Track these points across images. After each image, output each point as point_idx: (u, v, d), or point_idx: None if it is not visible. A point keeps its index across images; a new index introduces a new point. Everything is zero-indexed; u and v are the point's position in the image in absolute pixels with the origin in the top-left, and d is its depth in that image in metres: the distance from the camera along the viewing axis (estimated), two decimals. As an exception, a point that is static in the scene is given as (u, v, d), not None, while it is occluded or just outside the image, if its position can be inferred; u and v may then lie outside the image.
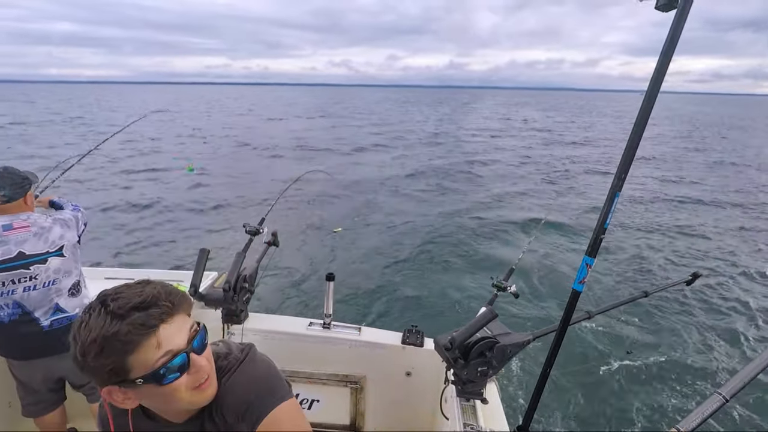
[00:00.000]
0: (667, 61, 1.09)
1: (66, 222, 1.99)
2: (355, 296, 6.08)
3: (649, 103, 1.10)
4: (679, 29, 1.06)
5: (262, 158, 17.56)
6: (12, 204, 1.87)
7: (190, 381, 0.79)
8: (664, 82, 1.09)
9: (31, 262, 1.84)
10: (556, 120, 42.12)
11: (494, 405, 1.79)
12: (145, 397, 0.79)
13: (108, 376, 0.73)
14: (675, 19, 1.06)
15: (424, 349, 2.16)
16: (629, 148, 1.13)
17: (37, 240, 1.85)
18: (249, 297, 2.38)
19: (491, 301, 2.01)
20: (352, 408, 2.38)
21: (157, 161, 16.16)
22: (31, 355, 1.94)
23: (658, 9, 1.09)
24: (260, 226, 2.45)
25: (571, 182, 13.86)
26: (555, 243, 8.12)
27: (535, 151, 20.49)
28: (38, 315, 1.87)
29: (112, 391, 0.76)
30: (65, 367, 2.00)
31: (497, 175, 14.78)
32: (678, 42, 1.07)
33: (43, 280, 1.86)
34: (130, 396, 0.77)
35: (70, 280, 1.95)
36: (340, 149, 20.15)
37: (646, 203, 11.15)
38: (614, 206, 1.16)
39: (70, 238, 1.97)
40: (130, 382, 0.73)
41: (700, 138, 27.93)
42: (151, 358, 0.73)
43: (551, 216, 9.53)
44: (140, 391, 0.76)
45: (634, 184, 13.15)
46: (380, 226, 9.10)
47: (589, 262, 1.21)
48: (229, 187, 12.45)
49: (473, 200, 11.31)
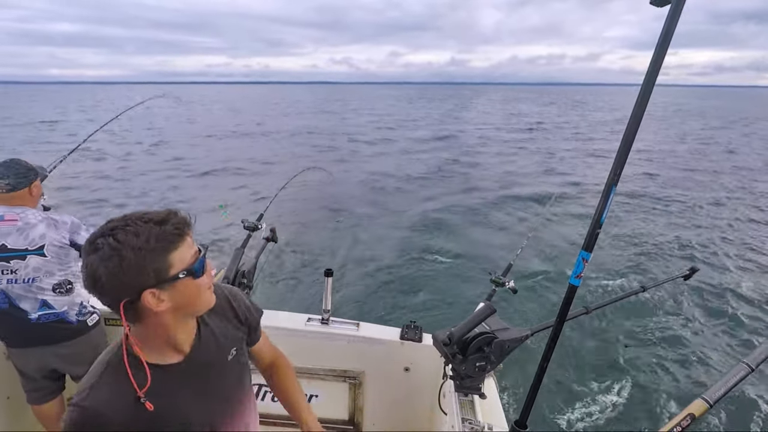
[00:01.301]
0: (662, 56, 1.08)
1: (55, 223, 1.94)
2: (353, 292, 6.09)
3: (644, 98, 1.09)
4: (673, 25, 1.06)
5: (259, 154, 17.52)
6: (15, 194, 1.88)
7: (206, 281, 0.93)
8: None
9: (11, 256, 1.84)
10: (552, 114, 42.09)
11: (492, 400, 1.80)
12: (177, 297, 0.88)
13: (150, 277, 0.82)
14: (669, 15, 1.05)
15: (423, 344, 2.16)
16: (625, 143, 1.12)
17: (18, 235, 1.84)
18: (248, 292, 2.38)
19: (489, 296, 2.01)
20: (350, 403, 2.39)
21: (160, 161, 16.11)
22: (23, 343, 1.97)
23: (652, 4, 1.09)
24: (259, 222, 2.45)
25: (571, 178, 13.86)
26: (554, 238, 8.13)
27: (533, 145, 20.48)
28: (25, 307, 1.88)
29: (148, 296, 0.83)
30: (58, 356, 2.01)
31: (495, 171, 14.77)
32: (672, 37, 1.07)
33: (22, 276, 1.86)
34: (164, 299, 0.86)
35: (52, 280, 1.93)
36: (340, 147, 20.12)
37: (643, 197, 11.17)
38: (610, 200, 1.15)
39: (54, 239, 1.91)
40: (171, 279, 0.85)
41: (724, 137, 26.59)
42: (186, 255, 0.87)
43: (551, 210, 9.54)
44: (174, 290, 0.87)
45: (635, 180, 13.16)
46: (379, 222, 9.10)
47: (586, 256, 1.20)
48: (229, 184, 12.44)
49: (472, 196, 11.31)
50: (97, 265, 0.79)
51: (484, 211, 9.99)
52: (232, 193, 11.40)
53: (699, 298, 6.02)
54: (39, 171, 2.01)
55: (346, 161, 16.08)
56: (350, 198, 10.87)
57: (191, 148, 18.83)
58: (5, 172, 1.86)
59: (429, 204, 10.45)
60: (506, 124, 32.20)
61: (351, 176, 13.34)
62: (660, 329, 5.30)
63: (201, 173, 13.75)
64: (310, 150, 18.87)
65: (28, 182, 1.92)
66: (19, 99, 72.49)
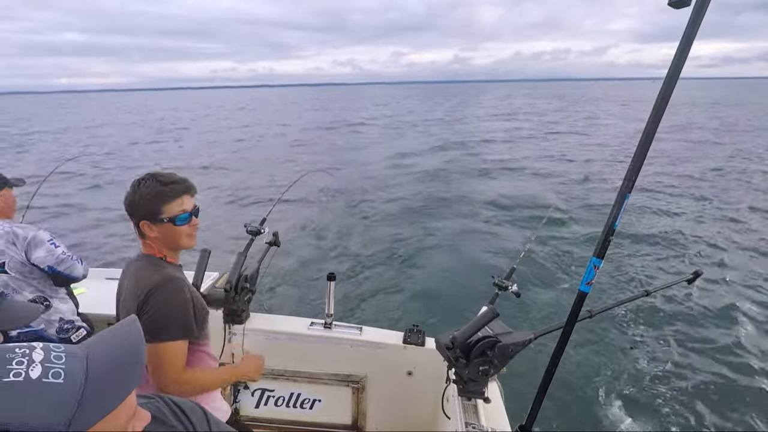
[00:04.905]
0: (682, 62, 1.02)
1: (15, 238, 1.85)
2: (356, 296, 6.08)
3: (662, 104, 1.04)
4: (695, 30, 0.99)
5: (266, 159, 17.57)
6: None
7: (187, 230, 1.40)
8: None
9: None
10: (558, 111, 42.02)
11: (496, 404, 1.79)
12: (163, 233, 1.36)
13: (147, 212, 1.32)
14: (691, 19, 0.98)
15: (426, 348, 2.16)
16: (640, 151, 1.10)
17: None
18: (250, 297, 2.38)
19: (492, 300, 2.01)
20: (353, 407, 2.38)
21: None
22: None
23: (670, 6, 1.02)
24: (261, 227, 2.45)
25: (572, 176, 13.82)
26: (557, 241, 8.11)
27: (534, 143, 20.44)
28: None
29: (144, 224, 1.34)
30: None
31: (498, 169, 14.75)
32: (694, 40, 1.00)
33: None
34: (155, 230, 1.35)
35: (22, 297, 1.86)
36: (340, 146, 20.15)
37: (649, 199, 11.13)
38: (623, 208, 1.14)
39: (14, 256, 1.84)
40: (158, 220, 1.33)
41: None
42: (175, 209, 1.35)
43: (554, 213, 9.51)
44: (161, 228, 1.35)
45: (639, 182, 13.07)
46: (381, 225, 9.09)
47: (597, 263, 1.19)
48: (232, 187, 12.47)
49: (474, 198, 11.30)
50: (127, 194, 1.34)
51: (489, 213, 9.97)
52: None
53: (703, 302, 5.98)
54: (11, 181, 1.94)
55: (348, 163, 16.08)
56: (353, 200, 10.88)
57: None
58: None
59: (432, 206, 10.44)
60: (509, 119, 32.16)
61: (354, 178, 13.34)
62: (664, 333, 5.27)
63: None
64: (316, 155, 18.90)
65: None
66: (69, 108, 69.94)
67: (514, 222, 9.45)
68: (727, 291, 6.32)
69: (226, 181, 13.46)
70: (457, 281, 6.58)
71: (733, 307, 5.87)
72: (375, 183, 13.00)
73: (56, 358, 0.56)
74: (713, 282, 6.56)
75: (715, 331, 5.32)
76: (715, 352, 4.91)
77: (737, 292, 6.29)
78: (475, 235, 8.65)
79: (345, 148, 20.33)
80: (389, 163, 16.23)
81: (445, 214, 9.98)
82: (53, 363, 0.55)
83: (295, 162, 16.70)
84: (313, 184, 11.63)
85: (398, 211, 10.11)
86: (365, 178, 13.73)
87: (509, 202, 10.92)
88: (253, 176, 14.06)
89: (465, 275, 6.78)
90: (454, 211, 10.23)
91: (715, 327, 5.42)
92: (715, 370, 4.62)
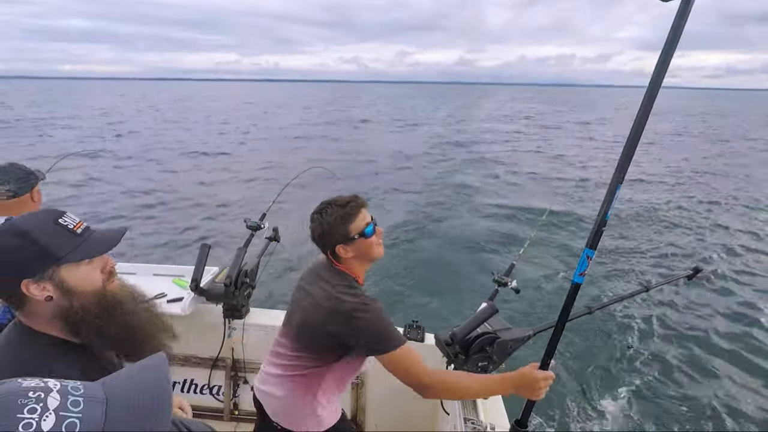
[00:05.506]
0: (670, 55, 1.08)
1: None
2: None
3: (651, 97, 1.10)
4: (682, 24, 1.05)
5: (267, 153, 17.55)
6: (17, 200, 1.76)
7: (375, 239, 1.48)
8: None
9: None
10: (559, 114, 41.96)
11: (495, 400, 1.80)
12: (358, 249, 1.45)
13: (340, 236, 1.41)
14: (678, 13, 1.04)
15: (425, 344, 2.16)
16: (631, 142, 1.13)
17: None
18: (250, 292, 2.38)
19: (492, 296, 2.00)
20: (353, 403, 2.39)
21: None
22: None
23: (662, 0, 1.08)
24: (261, 222, 2.45)
25: (572, 176, 13.81)
26: (557, 237, 8.11)
27: (534, 144, 20.43)
28: None
29: (340, 248, 1.43)
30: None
31: (498, 167, 14.74)
32: (681, 37, 1.06)
33: None
34: (350, 250, 1.44)
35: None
36: (341, 145, 20.12)
37: (647, 195, 11.12)
38: (615, 199, 1.16)
39: None
40: (350, 239, 1.42)
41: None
42: (361, 224, 1.43)
43: (554, 207, 9.50)
44: (354, 246, 1.44)
45: (638, 179, 13.10)
46: (381, 221, 9.06)
47: (590, 254, 1.21)
48: (233, 183, 12.46)
49: (474, 195, 11.29)
50: (313, 228, 1.45)
51: (489, 210, 9.97)
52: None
53: (702, 299, 5.99)
54: (38, 175, 1.90)
55: (349, 161, 16.06)
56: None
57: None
58: (5, 177, 1.74)
59: (432, 204, 10.44)
60: (511, 121, 32.12)
61: (354, 175, 13.33)
62: (663, 330, 5.28)
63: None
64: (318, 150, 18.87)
65: (29, 187, 1.80)
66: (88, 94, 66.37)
67: (514, 219, 9.45)
68: (727, 287, 6.33)
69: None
70: (456, 277, 6.58)
71: (733, 303, 5.88)
72: (376, 180, 12.99)
73: (73, 404, 0.52)
74: (713, 279, 6.57)
75: (714, 328, 5.33)
76: (716, 350, 4.92)
77: (737, 288, 6.30)
78: (475, 231, 8.64)
79: (347, 145, 20.29)
80: (391, 161, 16.21)
81: (446, 211, 9.98)
82: (69, 411, 0.51)
83: (300, 156, 16.69)
84: (314, 180, 11.61)
85: (398, 208, 10.11)
86: (366, 174, 13.71)
87: (509, 201, 10.93)
88: (254, 172, 14.05)
89: (464, 271, 6.79)
90: (454, 208, 10.23)
91: (715, 324, 5.43)
92: (715, 367, 4.63)
